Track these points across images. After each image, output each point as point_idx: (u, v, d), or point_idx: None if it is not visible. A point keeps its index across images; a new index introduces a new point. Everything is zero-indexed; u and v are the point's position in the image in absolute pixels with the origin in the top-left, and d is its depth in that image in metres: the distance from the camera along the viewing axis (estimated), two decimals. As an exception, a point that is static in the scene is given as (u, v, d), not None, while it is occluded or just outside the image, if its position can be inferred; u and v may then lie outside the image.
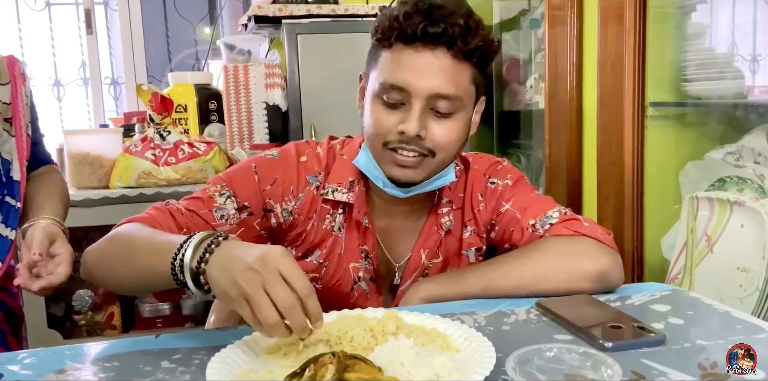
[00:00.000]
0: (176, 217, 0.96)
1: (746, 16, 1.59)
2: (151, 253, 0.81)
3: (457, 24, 0.89)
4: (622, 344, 0.74)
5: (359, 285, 1.05)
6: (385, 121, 0.93)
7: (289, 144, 1.08)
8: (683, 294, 0.97)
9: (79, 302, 1.88)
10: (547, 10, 1.79)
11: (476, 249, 1.07)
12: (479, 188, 1.07)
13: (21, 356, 0.80)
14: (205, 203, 0.98)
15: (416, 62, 0.90)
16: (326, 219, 1.04)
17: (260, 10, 1.95)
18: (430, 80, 0.90)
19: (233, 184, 1.00)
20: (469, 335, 0.75)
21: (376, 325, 0.75)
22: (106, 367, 0.76)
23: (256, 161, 1.04)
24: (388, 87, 0.92)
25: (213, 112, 2.13)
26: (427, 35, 0.89)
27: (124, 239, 0.89)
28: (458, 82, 0.92)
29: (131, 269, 0.85)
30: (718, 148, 1.33)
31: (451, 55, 0.91)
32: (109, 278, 0.91)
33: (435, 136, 0.93)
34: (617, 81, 1.45)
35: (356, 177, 1.03)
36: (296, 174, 1.03)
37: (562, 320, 0.82)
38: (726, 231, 1.19)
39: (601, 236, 0.99)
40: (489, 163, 1.10)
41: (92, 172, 1.84)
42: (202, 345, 0.80)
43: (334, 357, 0.65)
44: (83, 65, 2.91)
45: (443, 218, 1.05)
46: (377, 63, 0.95)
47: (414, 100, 0.91)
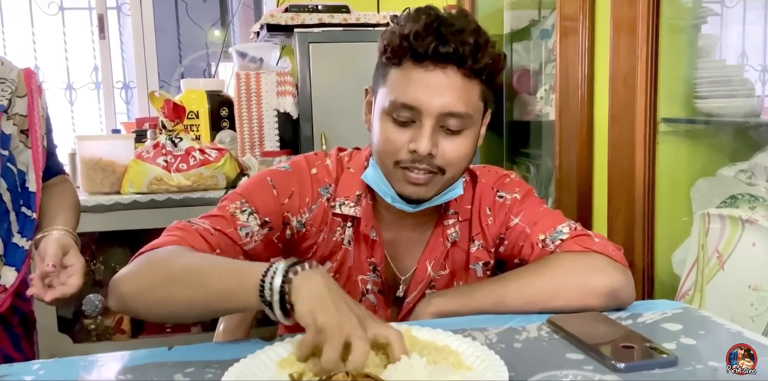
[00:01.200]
0: (206, 238, 0.94)
1: (756, 25, 1.59)
2: (228, 277, 0.79)
3: (467, 43, 0.90)
4: (634, 365, 0.74)
5: (368, 297, 1.05)
6: (396, 138, 0.93)
7: (299, 156, 1.08)
8: (694, 312, 0.96)
9: (90, 307, 1.89)
10: (558, 20, 1.79)
11: (484, 263, 1.07)
12: (487, 202, 1.07)
13: (35, 367, 0.81)
14: (229, 222, 0.97)
15: (427, 81, 0.91)
16: (337, 231, 1.04)
17: (273, 18, 1.96)
18: (441, 98, 0.91)
19: (253, 200, 1.00)
20: (481, 353, 0.75)
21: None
22: (120, 379, 0.76)
23: (270, 175, 1.04)
24: (399, 106, 0.92)
25: (224, 119, 2.14)
26: (438, 55, 0.90)
27: (179, 265, 0.85)
28: (468, 99, 0.92)
29: (200, 295, 0.81)
30: (730, 165, 1.33)
31: (461, 73, 0.91)
32: (161, 308, 0.85)
33: (446, 154, 0.93)
34: (629, 96, 1.45)
35: (363, 190, 1.03)
36: (310, 186, 1.03)
37: (574, 338, 0.82)
38: (737, 248, 1.19)
39: (612, 253, 0.99)
40: (497, 177, 1.10)
41: (104, 178, 1.85)
42: (215, 358, 0.81)
43: (348, 376, 0.66)
44: (95, 69, 2.93)
45: (449, 230, 1.05)
46: (386, 80, 0.95)
47: (425, 118, 0.91)
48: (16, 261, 1.09)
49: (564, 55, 1.74)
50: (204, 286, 0.80)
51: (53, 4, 2.86)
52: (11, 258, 1.08)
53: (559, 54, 1.76)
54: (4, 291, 1.08)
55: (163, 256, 0.88)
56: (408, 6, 2.35)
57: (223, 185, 1.89)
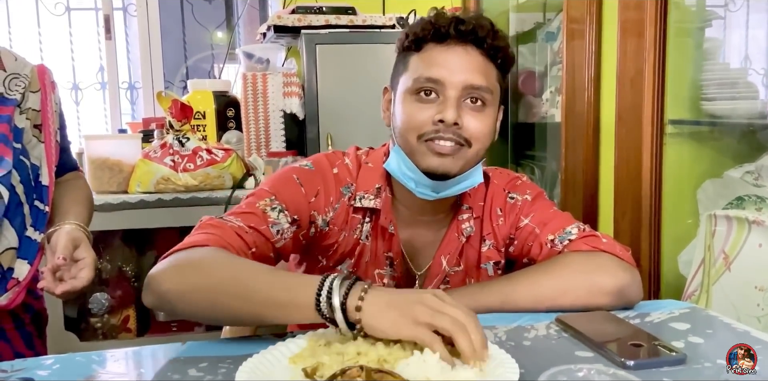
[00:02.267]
0: (242, 236, 0.94)
1: (759, 29, 1.60)
2: (277, 292, 0.80)
3: (484, 25, 0.97)
4: (643, 363, 0.74)
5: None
6: (420, 114, 0.96)
7: (319, 155, 1.10)
8: (701, 312, 0.97)
9: (96, 305, 1.90)
10: (565, 22, 1.80)
11: (494, 263, 1.09)
12: (498, 203, 1.09)
13: (49, 362, 0.81)
14: (261, 219, 0.97)
15: (449, 57, 0.96)
16: (357, 229, 1.05)
17: (280, 20, 1.98)
18: (464, 73, 0.95)
19: (283, 197, 1.00)
20: (492, 351, 0.76)
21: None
22: (134, 374, 0.77)
23: (296, 172, 1.04)
24: (424, 80, 0.96)
25: (231, 119, 2.15)
26: (458, 32, 0.95)
27: (224, 272, 0.85)
28: (488, 76, 0.97)
29: (247, 306, 0.82)
30: (736, 166, 1.34)
31: (480, 51, 0.97)
32: (206, 311, 0.85)
33: (470, 127, 0.96)
34: (636, 98, 1.46)
35: (383, 184, 1.05)
36: (333, 185, 1.05)
37: (582, 336, 0.83)
38: (744, 249, 1.20)
39: (619, 252, 1.00)
40: (509, 179, 1.12)
41: (112, 177, 1.86)
42: (227, 354, 0.82)
43: (362, 370, 0.66)
44: (101, 69, 2.94)
45: (464, 224, 1.07)
46: (407, 67, 0.99)
47: (449, 90, 0.95)
48: (29, 254, 1.10)
49: (570, 58, 1.75)
50: (250, 298, 0.81)
51: (60, 5, 2.88)
52: (25, 251, 1.09)
53: (566, 56, 1.77)
54: (17, 285, 1.08)
55: (205, 258, 0.87)
56: (413, 8, 2.35)
57: (229, 185, 1.90)
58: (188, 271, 0.86)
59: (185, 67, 3.10)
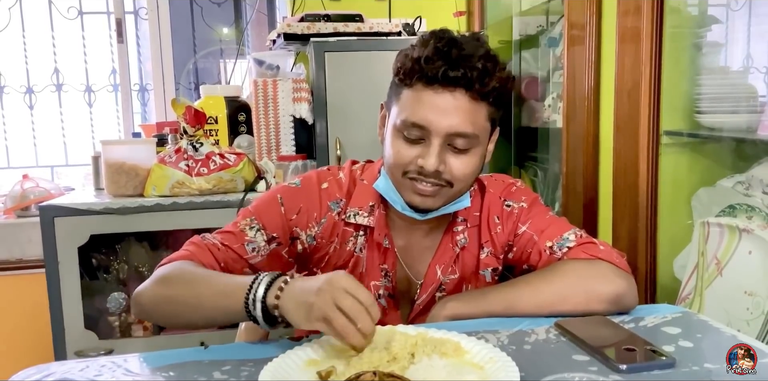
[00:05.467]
0: (213, 253, 1.03)
1: (762, 26, 1.60)
2: (218, 296, 0.90)
3: (476, 68, 0.94)
4: (635, 367, 0.79)
5: (379, 302, 1.10)
6: (406, 153, 0.99)
7: (311, 172, 1.14)
8: (693, 317, 1.02)
9: (114, 304, 1.96)
10: (566, 29, 1.82)
11: (492, 269, 1.13)
12: (495, 211, 1.12)
13: (87, 365, 0.86)
14: (237, 237, 1.05)
15: (436, 102, 0.95)
16: (350, 241, 1.10)
17: (289, 28, 2.03)
18: (449, 119, 0.95)
19: (262, 217, 1.07)
20: (494, 354, 0.81)
21: (410, 344, 0.83)
22: (164, 375, 0.83)
23: (280, 192, 1.10)
24: (410, 124, 0.97)
25: (242, 124, 2.20)
26: (447, 79, 0.94)
27: (183, 282, 0.95)
28: (475, 120, 0.97)
29: (199, 311, 0.92)
30: (728, 176, 1.38)
31: (468, 96, 0.95)
32: (173, 319, 0.98)
33: (453, 170, 0.99)
34: (633, 109, 1.50)
35: (376, 201, 1.09)
36: (318, 201, 1.09)
37: (580, 341, 0.88)
38: (735, 256, 1.25)
39: (616, 260, 1.04)
40: (504, 186, 1.15)
41: (128, 181, 1.91)
42: (249, 357, 0.87)
43: (375, 375, 0.72)
44: (113, 72, 3.00)
45: (458, 236, 1.11)
46: (399, 99, 1.00)
47: (433, 137, 0.96)
48: None
49: (571, 65, 1.79)
50: (201, 306, 0.91)
51: (72, 9, 2.93)
52: None
53: (567, 63, 1.80)
54: None
55: (173, 274, 0.97)
56: (419, 14, 2.38)
57: (241, 188, 1.96)
58: (159, 285, 0.97)
59: (193, 64, 3.14)
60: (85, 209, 1.81)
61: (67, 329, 1.83)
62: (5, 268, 2.37)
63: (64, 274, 1.81)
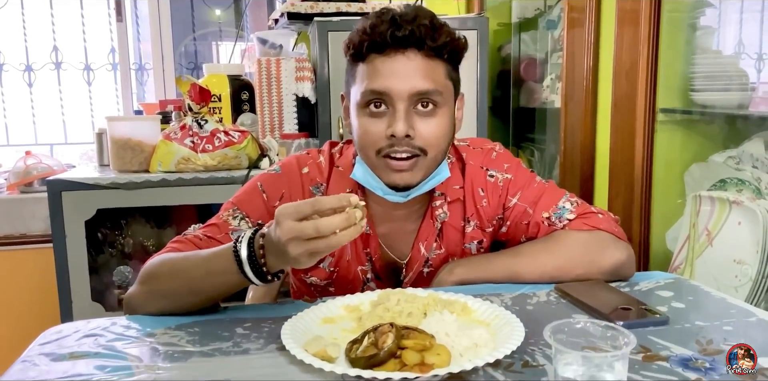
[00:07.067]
0: (196, 244, 1.02)
1: (753, 13, 1.63)
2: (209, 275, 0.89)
3: (422, 24, 0.93)
4: (631, 323, 0.84)
5: (368, 285, 1.11)
6: (373, 129, 0.97)
7: (290, 157, 1.12)
8: (685, 282, 1.07)
9: (120, 277, 2.00)
10: (566, 12, 1.85)
11: (478, 242, 1.12)
12: (479, 183, 1.10)
13: (113, 322, 0.91)
14: (221, 228, 1.04)
15: (392, 67, 0.94)
16: None
17: (293, 7, 2.05)
18: (408, 81, 0.94)
19: (244, 207, 1.06)
20: (500, 313, 0.87)
21: (425, 302, 0.88)
22: (189, 331, 0.87)
23: (261, 180, 1.09)
24: (369, 93, 0.95)
25: (245, 102, 2.22)
26: (396, 39, 0.93)
27: (168, 274, 0.94)
28: (434, 78, 0.95)
29: (195, 294, 0.91)
30: (720, 152, 1.43)
31: (422, 54, 0.94)
32: (174, 310, 0.94)
33: (423, 134, 0.96)
34: (631, 88, 1.55)
35: (353, 188, 1.07)
36: (300, 186, 1.07)
37: (579, 302, 0.93)
38: (725, 227, 1.30)
39: (615, 229, 1.07)
40: (483, 154, 1.12)
41: (134, 157, 1.94)
42: (267, 316, 0.92)
43: (392, 327, 0.77)
44: (112, 51, 3.01)
45: (437, 211, 1.09)
46: (355, 78, 0.98)
47: (397, 102, 0.95)
48: None
49: (570, 46, 1.83)
50: (191, 281, 0.90)
51: (72, -13, 2.93)
52: None
53: (566, 45, 1.84)
54: None
55: (153, 268, 0.96)
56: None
57: (245, 165, 1.99)
58: (147, 282, 0.96)
59: (192, 43, 3.15)
60: (93, 184, 1.84)
61: (74, 301, 1.86)
62: (9, 243, 2.40)
63: (72, 247, 1.84)
